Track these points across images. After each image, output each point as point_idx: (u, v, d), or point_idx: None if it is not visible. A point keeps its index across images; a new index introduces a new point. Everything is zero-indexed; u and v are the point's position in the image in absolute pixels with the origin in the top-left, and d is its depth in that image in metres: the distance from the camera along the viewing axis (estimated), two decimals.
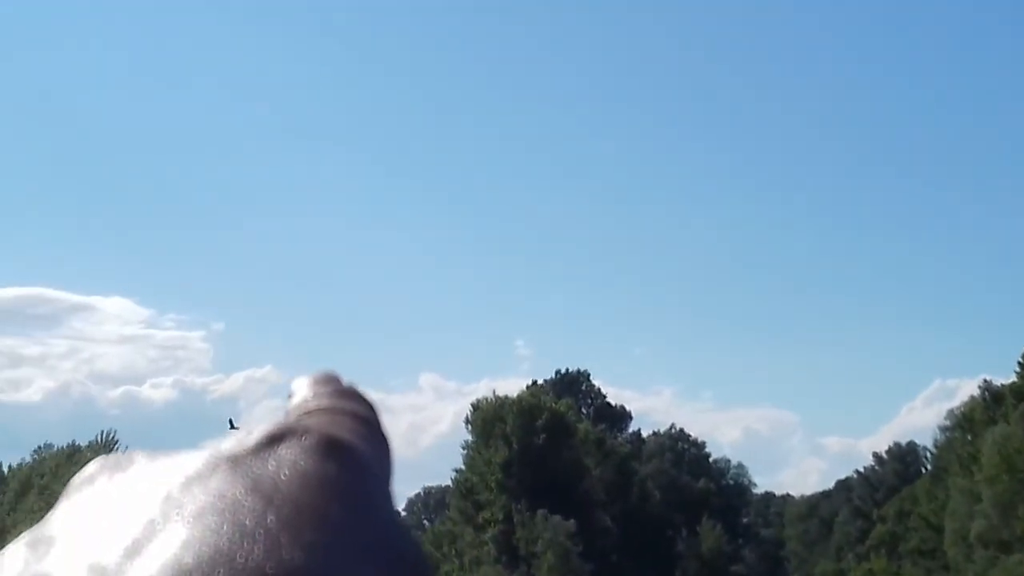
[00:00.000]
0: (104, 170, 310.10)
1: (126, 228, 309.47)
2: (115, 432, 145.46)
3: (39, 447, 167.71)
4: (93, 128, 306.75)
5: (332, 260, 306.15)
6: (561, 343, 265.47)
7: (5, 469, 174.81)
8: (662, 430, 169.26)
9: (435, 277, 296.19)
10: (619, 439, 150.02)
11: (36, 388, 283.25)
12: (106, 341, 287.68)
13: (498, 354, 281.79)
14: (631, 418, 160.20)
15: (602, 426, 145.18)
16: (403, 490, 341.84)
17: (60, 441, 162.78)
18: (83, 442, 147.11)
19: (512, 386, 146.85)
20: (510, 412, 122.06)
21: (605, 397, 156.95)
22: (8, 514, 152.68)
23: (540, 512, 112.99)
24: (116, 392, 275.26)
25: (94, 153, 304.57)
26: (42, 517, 9.21)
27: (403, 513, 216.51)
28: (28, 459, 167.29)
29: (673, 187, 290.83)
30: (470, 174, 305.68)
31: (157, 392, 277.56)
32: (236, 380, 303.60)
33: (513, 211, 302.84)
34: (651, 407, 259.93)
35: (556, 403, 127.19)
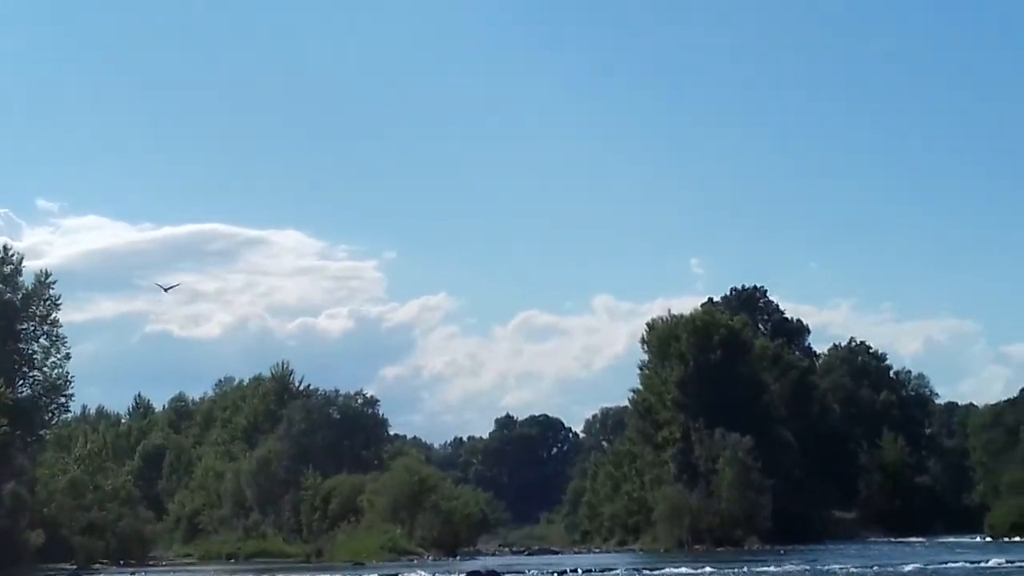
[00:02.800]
0: (275, 104, 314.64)
1: (297, 161, 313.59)
2: (291, 364, 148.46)
3: (220, 380, 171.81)
4: (263, 61, 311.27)
5: (503, 185, 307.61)
6: (736, 260, 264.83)
7: (190, 402, 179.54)
8: (841, 344, 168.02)
9: (608, 198, 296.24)
10: (797, 354, 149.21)
11: (215, 323, 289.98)
12: (281, 274, 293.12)
13: (672, 273, 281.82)
14: (809, 332, 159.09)
15: (779, 341, 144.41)
16: (580, 412, 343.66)
17: (240, 374, 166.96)
18: (263, 374, 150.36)
19: (687, 304, 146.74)
20: (685, 330, 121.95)
21: (782, 312, 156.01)
22: (194, 447, 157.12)
23: (718, 429, 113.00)
24: (292, 324, 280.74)
25: (266, 88, 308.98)
26: (226, 449, 10.05)
27: (582, 434, 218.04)
28: (210, 392, 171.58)
29: (850, 100, 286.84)
30: (646, 97, 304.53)
31: (333, 322, 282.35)
32: (410, 308, 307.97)
33: (686, 129, 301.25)
34: (829, 321, 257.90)
35: (732, 320, 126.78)
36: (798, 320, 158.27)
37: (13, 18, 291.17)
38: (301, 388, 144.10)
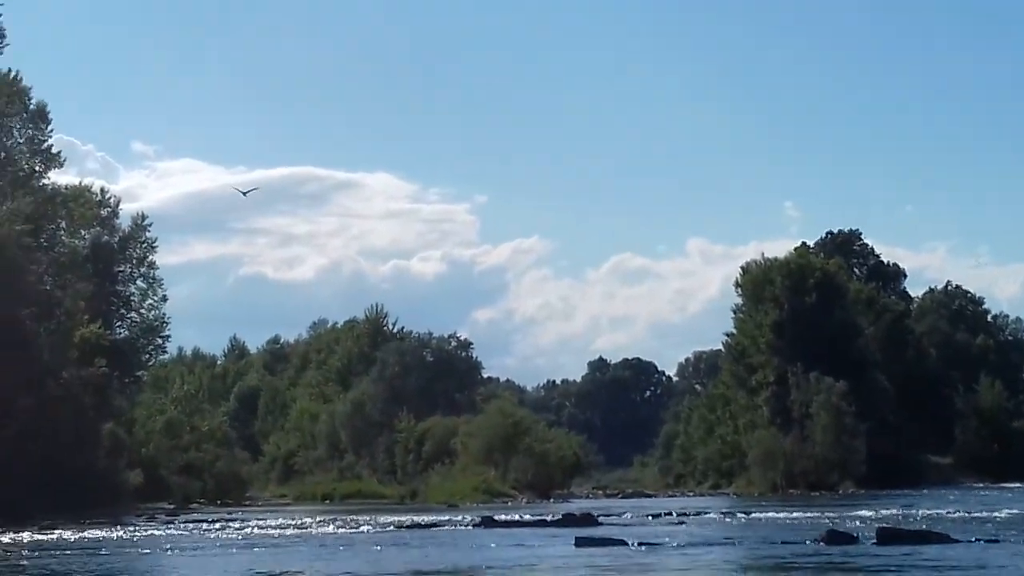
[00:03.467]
0: (365, 47, 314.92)
1: (388, 103, 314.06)
2: (384, 306, 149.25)
3: (314, 323, 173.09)
4: (353, 5, 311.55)
5: (594, 126, 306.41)
6: (830, 203, 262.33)
7: (284, 345, 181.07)
8: (937, 287, 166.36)
9: (701, 141, 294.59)
10: (892, 298, 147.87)
11: (308, 266, 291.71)
12: (373, 217, 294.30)
13: (766, 216, 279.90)
14: (905, 276, 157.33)
15: (874, 284, 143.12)
16: (673, 355, 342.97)
17: (334, 317, 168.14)
18: (356, 317, 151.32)
19: (781, 248, 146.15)
20: (780, 274, 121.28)
21: (878, 256, 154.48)
22: (288, 388, 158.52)
23: (813, 373, 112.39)
24: (386, 267, 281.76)
25: (357, 31, 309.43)
26: (321, 391, 9.98)
27: (675, 378, 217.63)
28: (305, 335, 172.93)
29: (950, 37, 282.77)
30: (737, 38, 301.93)
31: (426, 265, 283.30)
32: (503, 251, 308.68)
33: (780, 71, 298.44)
34: (925, 264, 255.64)
35: (827, 263, 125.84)
36: (894, 264, 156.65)
37: None
38: (395, 331, 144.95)
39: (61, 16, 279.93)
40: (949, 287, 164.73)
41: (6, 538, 43.50)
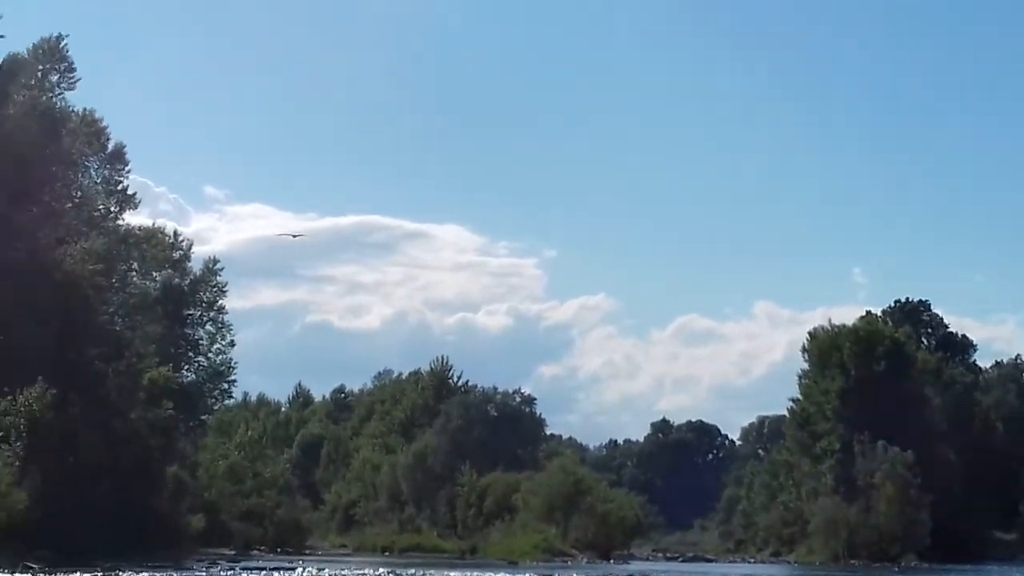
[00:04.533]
0: (437, 98, 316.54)
1: (459, 155, 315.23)
2: (449, 359, 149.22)
3: (379, 373, 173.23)
4: (427, 55, 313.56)
5: (663, 186, 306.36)
6: (898, 271, 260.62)
7: (349, 394, 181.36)
8: (1006, 360, 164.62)
9: (771, 204, 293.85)
10: (960, 369, 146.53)
11: (374, 315, 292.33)
12: (441, 268, 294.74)
13: (834, 282, 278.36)
14: (974, 347, 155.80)
15: (941, 355, 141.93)
16: (737, 419, 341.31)
17: (398, 367, 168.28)
18: (421, 368, 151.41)
19: (848, 314, 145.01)
20: (847, 341, 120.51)
21: (946, 326, 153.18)
22: (352, 438, 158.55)
23: (880, 442, 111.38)
24: (451, 319, 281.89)
25: (431, 82, 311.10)
26: (383, 442, 9.91)
27: (738, 442, 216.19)
28: (369, 385, 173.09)
29: (1018, 114, 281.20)
30: (810, 102, 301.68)
31: (492, 319, 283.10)
32: (569, 307, 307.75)
33: (850, 138, 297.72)
34: (994, 336, 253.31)
35: (896, 332, 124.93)
36: (962, 335, 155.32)
37: (184, 12, 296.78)
38: (459, 384, 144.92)
39: (136, 57, 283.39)
40: (1019, 360, 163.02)
41: None
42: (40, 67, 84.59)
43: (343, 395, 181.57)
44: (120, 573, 48.53)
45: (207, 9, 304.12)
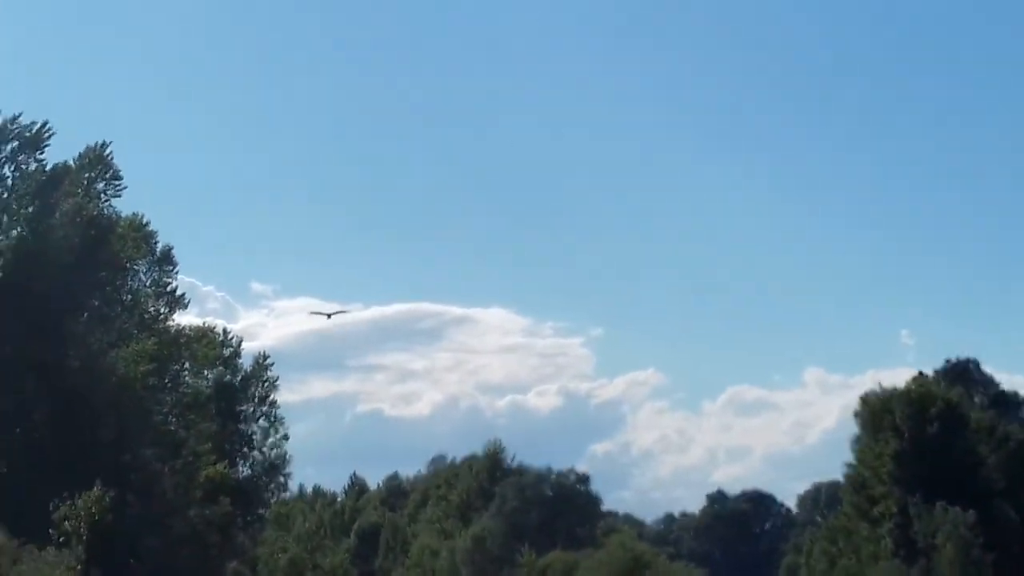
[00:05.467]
0: (474, 186, 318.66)
1: (501, 241, 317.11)
2: (502, 441, 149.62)
3: (433, 459, 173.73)
4: (465, 142, 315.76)
5: (706, 257, 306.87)
6: (946, 331, 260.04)
7: (404, 481, 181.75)
8: None
9: (814, 269, 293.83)
10: (1015, 425, 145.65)
11: (425, 401, 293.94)
12: (489, 352, 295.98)
13: (882, 345, 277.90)
14: None
15: (993, 412, 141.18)
16: (792, 486, 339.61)
17: (451, 452, 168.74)
18: (473, 452, 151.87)
19: (898, 377, 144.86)
20: (900, 404, 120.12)
21: (997, 385, 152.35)
22: (409, 525, 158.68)
23: (939, 503, 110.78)
24: (502, 401, 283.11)
25: (465, 169, 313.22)
26: (441, 527, 10.84)
27: (795, 510, 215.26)
28: (423, 471, 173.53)
29: None
30: (853, 167, 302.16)
31: (542, 399, 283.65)
32: (618, 384, 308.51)
33: (892, 201, 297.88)
34: None
35: (949, 393, 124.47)
36: (1014, 392, 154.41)
37: (224, 116, 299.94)
38: (513, 466, 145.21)
39: (176, 159, 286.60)
40: None
41: None
42: (86, 175, 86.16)
43: (397, 482, 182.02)
44: None
45: (247, 112, 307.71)
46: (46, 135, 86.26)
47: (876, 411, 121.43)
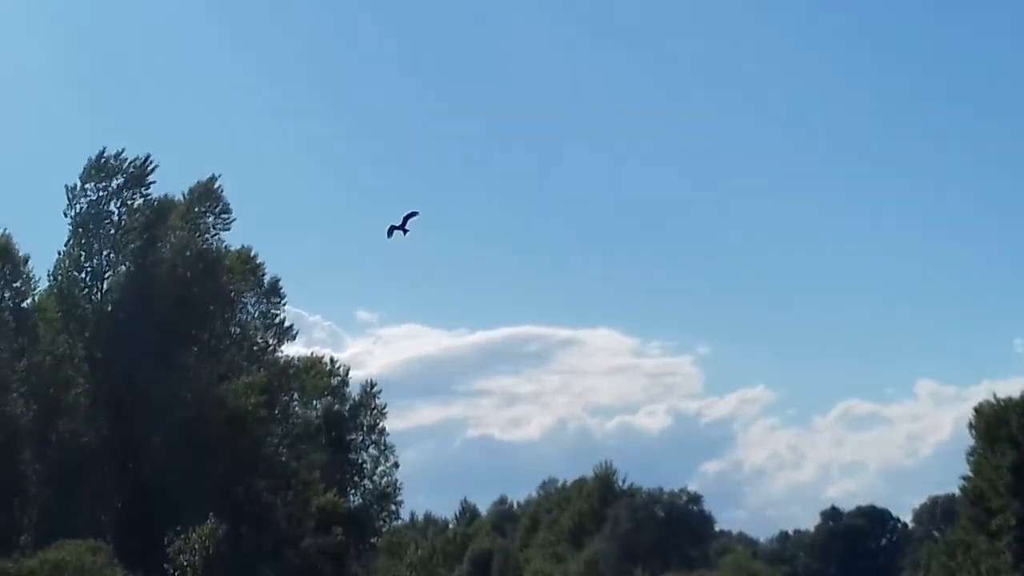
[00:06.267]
0: (578, 208, 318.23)
1: (606, 261, 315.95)
2: (612, 463, 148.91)
3: (544, 482, 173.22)
4: (561, 168, 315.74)
5: (812, 271, 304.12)
6: None
7: (514, 506, 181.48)
8: None
9: (923, 280, 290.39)
10: None
11: (534, 425, 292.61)
12: (597, 373, 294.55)
13: (995, 354, 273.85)
14: None
15: None
16: (908, 501, 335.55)
17: (561, 475, 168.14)
18: (583, 474, 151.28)
19: (1013, 387, 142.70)
20: (1015, 413, 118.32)
21: None
22: (521, 549, 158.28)
23: None
24: (611, 423, 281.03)
25: (564, 190, 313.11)
26: (553, 551, 10.48)
27: (910, 524, 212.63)
28: (534, 495, 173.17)
29: None
30: (953, 177, 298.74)
31: (651, 420, 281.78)
32: (728, 402, 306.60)
33: (1002, 208, 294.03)
34: None
35: None
36: None
37: (325, 148, 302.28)
38: (624, 487, 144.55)
39: (281, 190, 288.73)
40: None
41: None
42: (196, 208, 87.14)
43: (507, 507, 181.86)
44: None
45: (351, 142, 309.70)
46: (149, 169, 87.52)
47: (991, 422, 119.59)
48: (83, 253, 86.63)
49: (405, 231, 54.47)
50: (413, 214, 52.87)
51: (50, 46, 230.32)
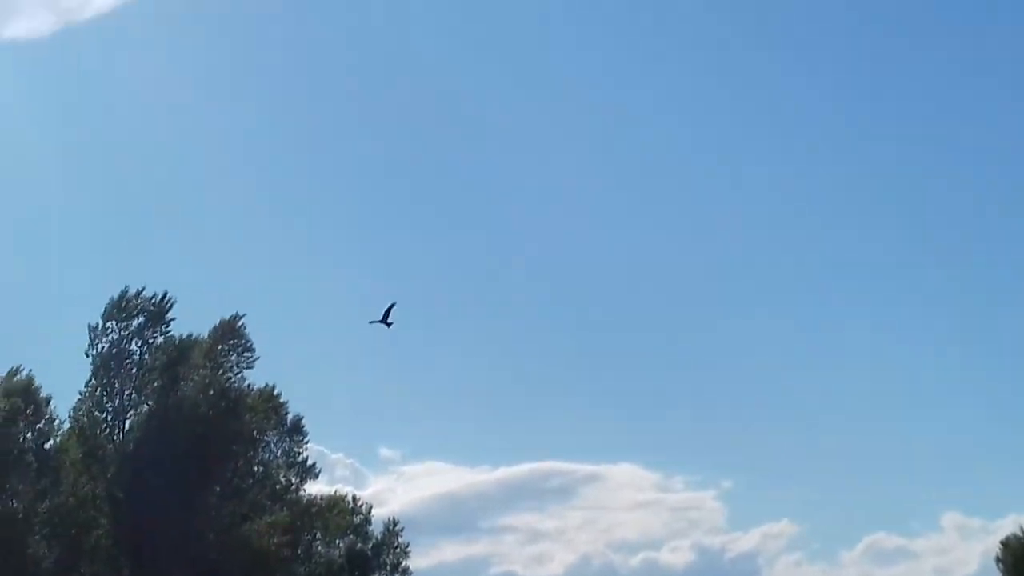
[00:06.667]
0: (598, 345, 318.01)
1: (627, 393, 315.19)
2: None
3: None
4: (579, 306, 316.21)
5: (834, 403, 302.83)
6: None
7: None
8: None
9: (950, 413, 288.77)
10: None
11: (558, 562, 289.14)
12: (620, 508, 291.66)
13: (1021, 486, 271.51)
14: None
15: None
16: None
17: None
18: None
19: None
20: None
21: None
22: None
23: None
24: (636, 559, 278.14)
25: (589, 331, 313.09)
26: None
27: None
28: None
29: None
30: (958, 305, 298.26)
31: (675, 555, 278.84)
32: (752, 537, 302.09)
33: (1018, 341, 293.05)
34: None
35: None
36: None
37: (353, 282, 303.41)
38: None
39: (298, 328, 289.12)
40: None
41: None
42: (219, 347, 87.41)
43: None
44: None
45: (371, 276, 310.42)
46: (168, 307, 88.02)
47: (1018, 555, 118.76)
48: (105, 393, 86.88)
49: (388, 324, 54.71)
50: (392, 305, 53.46)
51: (75, 183, 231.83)
